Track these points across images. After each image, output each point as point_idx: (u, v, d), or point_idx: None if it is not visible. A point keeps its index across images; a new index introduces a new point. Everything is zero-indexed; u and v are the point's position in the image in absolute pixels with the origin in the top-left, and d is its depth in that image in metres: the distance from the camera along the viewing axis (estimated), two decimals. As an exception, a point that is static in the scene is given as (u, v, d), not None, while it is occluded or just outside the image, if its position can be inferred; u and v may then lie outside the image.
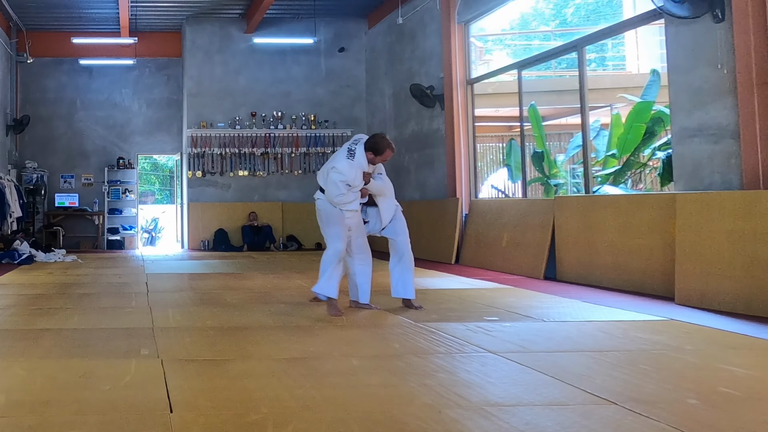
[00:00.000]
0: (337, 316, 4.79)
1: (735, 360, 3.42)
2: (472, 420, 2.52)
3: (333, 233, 5.01)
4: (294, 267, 8.94)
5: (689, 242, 5.32)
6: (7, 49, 13.19)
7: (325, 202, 5.08)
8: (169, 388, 2.92)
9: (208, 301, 5.77)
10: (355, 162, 4.89)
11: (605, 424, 2.46)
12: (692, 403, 2.72)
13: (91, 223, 13.81)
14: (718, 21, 5.48)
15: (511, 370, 3.28)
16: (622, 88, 11.51)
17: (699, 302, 5.16)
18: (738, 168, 5.36)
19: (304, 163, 13.27)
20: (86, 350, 3.77)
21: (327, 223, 5.08)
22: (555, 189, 10.23)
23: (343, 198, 4.89)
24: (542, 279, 7.22)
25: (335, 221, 5.01)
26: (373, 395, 2.83)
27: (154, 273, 8.27)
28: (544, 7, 21.33)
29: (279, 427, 2.44)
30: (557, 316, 4.79)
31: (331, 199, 4.95)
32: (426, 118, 10.75)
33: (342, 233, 4.96)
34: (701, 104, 5.70)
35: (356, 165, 4.89)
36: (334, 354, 3.63)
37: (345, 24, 13.44)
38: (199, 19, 13.20)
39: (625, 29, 8.54)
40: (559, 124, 14.17)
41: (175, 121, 14.10)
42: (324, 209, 5.10)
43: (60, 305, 5.52)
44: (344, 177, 4.84)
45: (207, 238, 12.91)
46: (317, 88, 13.42)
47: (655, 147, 8.81)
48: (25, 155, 13.74)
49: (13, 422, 2.52)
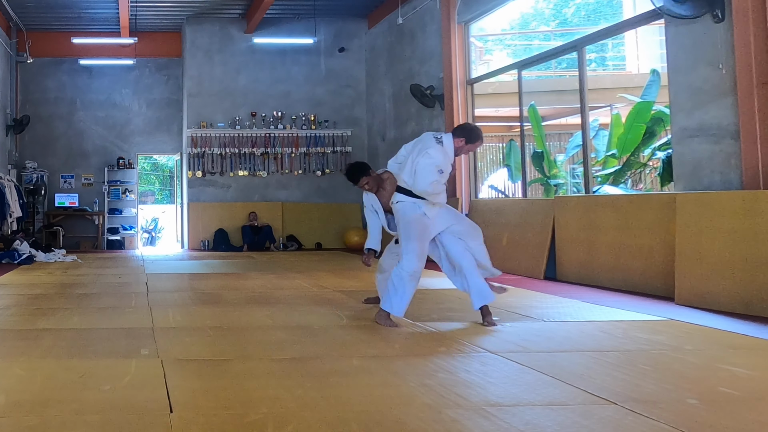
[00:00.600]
0: (390, 326, 4.39)
1: (735, 360, 3.42)
2: (472, 420, 2.52)
3: (412, 249, 4.42)
4: (294, 267, 8.94)
5: (689, 242, 5.32)
6: (7, 49, 13.19)
7: (408, 205, 4.48)
8: (169, 388, 2.91)
9: (208, 301, 5.77)
10: (446, 148, 4.46)
11: (605, 424, 2.46)
12: (692, 403, 2.71)
13: (91, 223, 13.81)
14: (718, 21, 5.48)
15: (511, 370, 3.28)
16: (622, 88, 11.51)
17: (699, 302, 5.16)
18: (738, 168, 5.36)
19: (304, 163, 13.27)
20: (86, 350, 3.77)
21: (407, 235, 4.47)
22: (555, 189, 10.23)
23: (437, 186, 4.40)
24: (542, 279, 7.22)
25: (416, 234, 4.45)
26: (373, 395, 2.83)
27: (154, 273, 8.27)
28: (544, 7, 21.32)
29: (279, 427, 2.44)
30: (557, 316, 4.79)
31: (423, 190, 4.40)
32: (426, 118, 10.74)
33: (422, 250, 4.46)
34: (701, 104, 5.70)
35: (448, 151, 4.47)
36: (334, 354, 3.63)
37: (345, 24, 13.44)
38: (199, 19, 13.20)
39: (625, 29, 8.54)
40: (559, 124, 14.17)
41: (175, 121, 14.10)
42: (406, 215, 4.48)
43: (60, 305, 5.52)
44: (438, 162, 4.37)
45: (207, 238, 12.91)
46: (317, 88, 13.42)
47: (655, 147, 8.81)
48: (25, 155, 13.74)
49: (13, 422, 2.52)
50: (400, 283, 4.41)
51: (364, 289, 6.37)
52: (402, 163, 4.69)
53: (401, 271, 4.42)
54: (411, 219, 4.45)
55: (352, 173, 4.99)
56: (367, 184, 4.93)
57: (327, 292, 6.26)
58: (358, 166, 5.04)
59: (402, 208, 4.50)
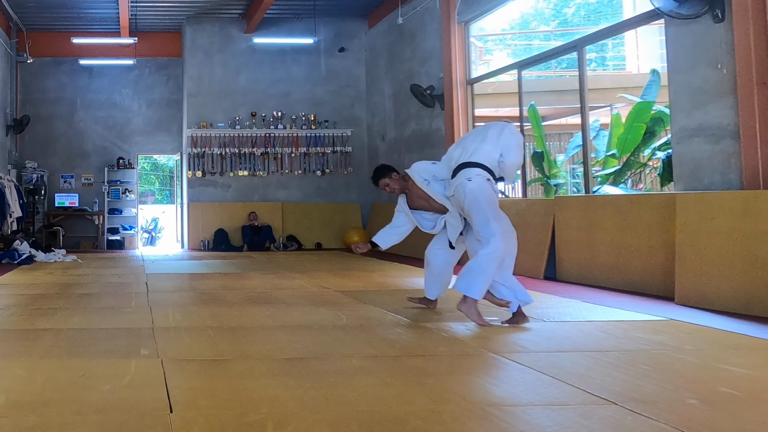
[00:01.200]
0: (485, 324, 4.14)
1: (735, 360, 3.42)
2: (472, 420, 2.52)
3: (497, 229, 4.11)
4: (294, 267, 8.94)
5: (689, 242, 5.32)
6: (7, 49, 13.19)
7: (483, 182, 4.20)
8: (169, 388, 2.91)
9: (208, 301, 5.77)
10: None
11: (605, 424, 2.46)
12: (692, 403, 2.71)
13: (91, 223, 13.81)
14: (718, 21, 5.48)
15: (511, 370, 3.28)
16: (622, 88, 11.52)
17: (699, 302, 5.16)
18: (738, 168, 5.36)
19: (304, 163, 13.27)
20: (86, 350, 3.77)
21: (485, 215, 4.13)
22: (555, 189, 10.23)
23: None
24: (542, 279, 7.22)
25: (494, 212, 4.15)
26: (373, 395, 2.83)
27: (154, 273, 8.27)
28: (544, 7, 21.32)
29: (279, 427, 2.44)
30: (557, 316, 4.79)
31: (516, 161, 4.31)
32: (426, 118, 10.75)
33: (505, 228, 4.17)
34: (701, 104, 5.70)
35: None
36: (334, 354, 3.63)
37: (345, 24, 13.44)
38: (199, 19, 13.20)
39: (625, 29, 8.55)
40: (559, 124, 14.18)
41: (175, 121, 14.10)
42: (484, 191, 4.17)
43: (60, 305, 5.52)
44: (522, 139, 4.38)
45: (207, 238, 12.91)
46: (317, 88, 13.42)
47: (655, 147, 8.81)
48: (25, 155, 13.74)
49: (13, 422, 2.52)
50: (490, 266, 4.11)
51: (364, 289, 6.37)
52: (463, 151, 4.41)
53: (492, 255, 4.09)
54: (487, 197, 4.18)
55: (373, 176, 4.94)
56: (387, 186, 4.85)
57: (327, 292, 6.26)
58: (379, 169, 4.96)
59: (476, 187, 4.19)
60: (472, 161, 4.30)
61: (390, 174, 4.89)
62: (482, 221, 4.17)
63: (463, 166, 4.31)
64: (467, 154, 4.36)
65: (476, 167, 4.28)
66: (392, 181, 4.88)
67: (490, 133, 4.40)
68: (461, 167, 4.34)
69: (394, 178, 4.88)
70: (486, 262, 4.12)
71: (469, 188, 4.22)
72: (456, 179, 4.35)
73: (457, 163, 4.39)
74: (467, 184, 4.23)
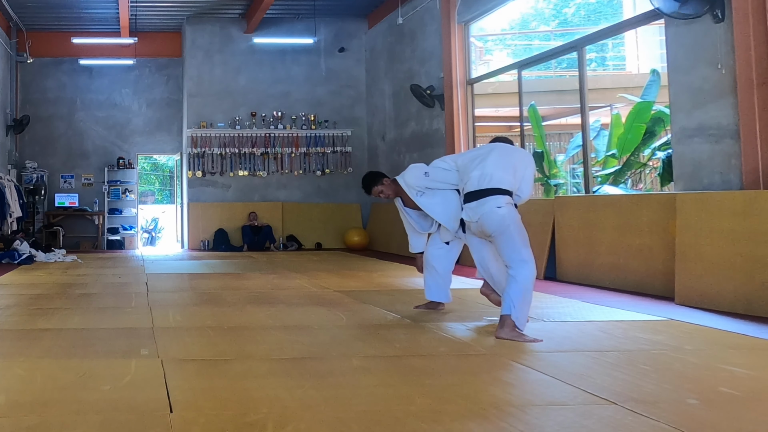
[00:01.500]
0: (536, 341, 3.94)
1: (735, 360, 3.42)
2: (472, 420, 2.52)
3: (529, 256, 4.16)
4: (294, 267, 8.94)
5: (689, 242, 5.32)
6: (7, 49, 13.19)
7: (513, 210, 4.23)
8: (169, 388, 2.91)
9: (208, 301, 5.77)
10: None
11: (605, 424, 2.46)
12: (692, 403, 2.71)
13: (91, 223, 13.82)
14: (718, 21, 5.48)
15: (511, 369, 3.28)
16: (622, 88, 11.52)
17: (699, 302, 5.16)
18: (738, 168, 5.36)
19: (304, 163, 13.27)
20: (86, 350, 3.77)
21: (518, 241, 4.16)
22: (555, 189, 10.23)
23: None
24: (542, 279, 7.21)
25: (526, 238, 4.22)
26: (373, 395, 2.83)
27: (154, 273, 8.27)
28: (544, 7, 21.32)
29: (279, 427, 2.44)
30: (557, 316, 4.79)
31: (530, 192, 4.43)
32: (426, 118, 10.75)
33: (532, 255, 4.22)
34: (701, 104, 5.70)
35: None
36: (334, 354, 3.63)
37: (345, 24, 13.44)
38: (199, 19, 13.20)
39: (625, 29, 8.54)
40: (559, 124, 14.18)
41: (175, 121, 14.10)
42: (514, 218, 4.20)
43: (60, 305, 5.52)
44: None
45: (207, 238, 12.91)
46: (317, 88, 13.42)
47: (655, 147, 8.81)
48: (25, 155, 13.74)
49: (13, 422, 2.52)
50: (529, 294, 4.08)
51: (364, 289, 6.37)
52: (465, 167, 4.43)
53: (528, 282, 4.07)
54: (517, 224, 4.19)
55: (364, 185, 4.90)
56: (381, 193, 4.84)
57: (327, 292, 6.26)
58: (369, 177, 4.93)
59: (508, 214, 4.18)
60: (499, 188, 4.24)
61: (381, 180, 4.86)
62: (513, 247, 4.15)
63: (489, 193, 4.24)
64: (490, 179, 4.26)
65: (503, 194, 4.23)
66: (385, 186, 4.84)
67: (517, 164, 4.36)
68: (486, 193, 4.24)
69: (386, 184, 4.84)
70: (526, 291, 4.07)
71: (500, 215, 4.17)
72: (482, 206, 4.24)
73: (478, 187, 4.28)
74: (497, 212, 4.17)
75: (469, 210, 4.30)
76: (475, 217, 4.26)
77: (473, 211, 4.26)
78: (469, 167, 4.40)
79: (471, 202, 4.29)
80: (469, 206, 4.30)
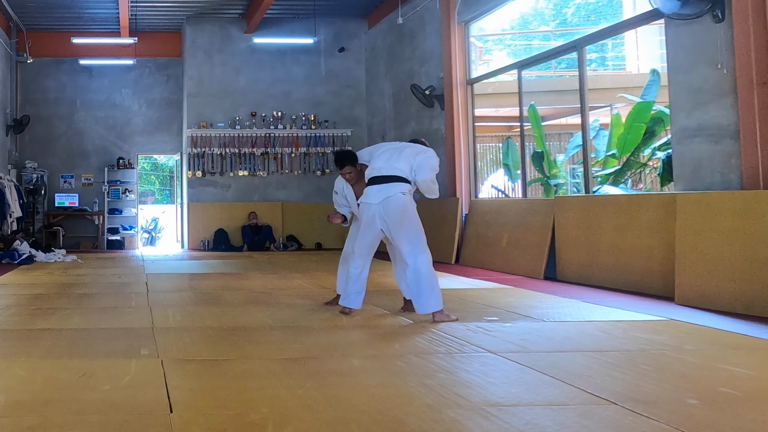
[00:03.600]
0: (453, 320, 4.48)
1: (735, 360, 3.42)
2: (472, 420, 2.52)
3: (424, 240, 4.53)
4: (294, 267, 8.94)
5: (689, 242, 5.32)
6: (7, 49, 13.19)
7: (409, 198, 4.56)
8: (169, 388, 2.91)
9: (208, 301, 5.77)
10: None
11: (605, 424, 2.46)
12: (692, 403, 2.71)
13: (91, 223, 13.81)
14: (718, 21, 5.48)
15: (511, 370, 3.28)
16: (622, 88, 11.50)
17: (699, 302, 5.16)
18: (738, 168, 5.36)
19: (304, 163, 13.27)
20: (86, 350, 3.77)
21: (416, 228, 4.52)
22: (555, 189, 10.23)
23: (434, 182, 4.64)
24: (542, 279, 7.22)
25: (420, 225, 4.56)
26: (373, 395, 2.83)
27: (154, 273, 8.27)
28: (544, 7, 21.32)
29: (279, 427, 2.44)
30: (557, 316, 4.79)
31: (429, 186, 4.58)
32: (426, 118, 10.75)
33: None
34: (701, 104, 5.70)
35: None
36: (334, 354, 3.63)
37: (345, 24, 13.44)
38: (199, 19, 13.20)
39: (625, 29, 8.54)
40: (559, 124, 14.17)
41: (175, 121, 14.10)
42: (410, 207, 4.54)
43: (60, 305, 5.52)
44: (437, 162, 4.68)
45: (207, 238, 12.91)
46: (317, 88, 13.42)
47: (655, 147, 8.81)
48: (25, 155, 13.74)
49: (13, 422, 2.52)
50: (434, 276, 4.47)
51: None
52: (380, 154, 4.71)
53: (429, 266, 4.46)
54: (414, 212, 4.52)
55: (342, 158, 5.04)
56: (350, 173, 5.01)
57: (327, 292, 6.25)
58: (349, 154, 5.10)
59: (404, 202, 4.50)
60: (398, 175, 4.54)
61: (356, 163, 5.00)
62: (415, 234, 4.51)
63: (390, 179, 4.55)
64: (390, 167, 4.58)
65: (403, 182, 4.54)
66: (355, 170, 5.00)
67: (406, 152, 4.66)
68: (388, 179, 4.55)
69: (357, 169, 4.99)
70: (431, 275, 4.46)
71: (403, 202, 4.51)
72: (384, 190, 4.52)
73: (378, 173, 4.60)
74: (402, 198, 4.50)
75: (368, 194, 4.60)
76: (377, 200, 4.53)
77: (373, 194, 4.56)
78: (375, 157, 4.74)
79: (373, 185, 4.60)
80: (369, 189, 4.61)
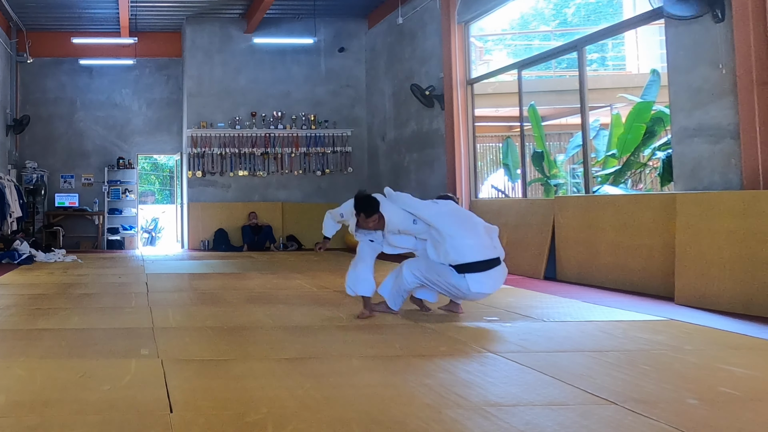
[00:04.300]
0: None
1: (735, 360, 3.42)
2: (472, 420, 2.52)
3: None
4: (294, 267, 8.94)
5: (689, 242, 5.32)
6: (7, 49, 13.19)
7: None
8: (169, 388, 2.91)
9: (208, 301, 5.77)
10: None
11: (605, 424, 2.46)
12: (692, 403, 2.71)
13: (91, 223, 13.81)
14: (718, 21, 5.48)
15: (511, 370, 3.28)
16: (622, 88, 11.50)
17: (699, 302, 5.16)
18: (738, 168, 5.36)
19: (304, 163, 13.27)
20: (86, 350, 3.77)
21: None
22: (555, 189, 10.23)
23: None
24: (542, 279, 7.22)
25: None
26: (373, 395, 2.83)
27: (154, 273, 8.27)
28: (544, 7, 21.32)
29: (279, 427, 2.44)
30: (557, 316, 4.79)
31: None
32: (426, 118, 10.75)
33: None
34: (701, 104, 5.70)
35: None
36: (334, 354, 3.63)
37: (345, 24, 13.44)
38: (199, 19, 13.20)
39: (625, 29, 8.54)
40: (559, 124, 14.17)
41: (175, 121, 14.10)
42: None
43: (60, 305, 5.52)
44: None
45: (207, 238, 12.91)
46: (317, 88, 13.42)
47: (655, 147, 8.81)
48: (25, 155, 13.74)
49: (13, 422, 2.52)
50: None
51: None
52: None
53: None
54: None
55: (371, 206, 4.81)
56: (375, 222, 4.79)
57: (327, 292, 6.26)
58: (372, 202, 4.87)
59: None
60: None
61: (377, 213, 4.78)
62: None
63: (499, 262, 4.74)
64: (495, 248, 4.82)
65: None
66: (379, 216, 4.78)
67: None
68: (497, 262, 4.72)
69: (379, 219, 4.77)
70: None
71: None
72: (500, 280, 4.68)
73: (489, 256, 4.68)
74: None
75: (489, 279, 4.51)
76: (496, 288, 4.56)
77: (496, 281, 4.55)
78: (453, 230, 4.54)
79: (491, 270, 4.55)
80: (489, 274, 4.53)
